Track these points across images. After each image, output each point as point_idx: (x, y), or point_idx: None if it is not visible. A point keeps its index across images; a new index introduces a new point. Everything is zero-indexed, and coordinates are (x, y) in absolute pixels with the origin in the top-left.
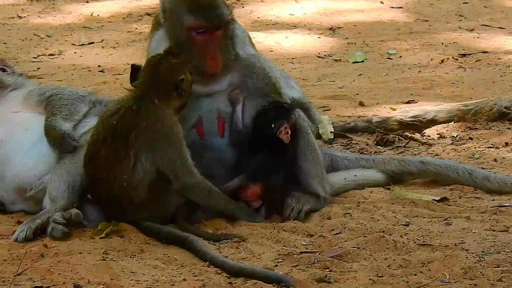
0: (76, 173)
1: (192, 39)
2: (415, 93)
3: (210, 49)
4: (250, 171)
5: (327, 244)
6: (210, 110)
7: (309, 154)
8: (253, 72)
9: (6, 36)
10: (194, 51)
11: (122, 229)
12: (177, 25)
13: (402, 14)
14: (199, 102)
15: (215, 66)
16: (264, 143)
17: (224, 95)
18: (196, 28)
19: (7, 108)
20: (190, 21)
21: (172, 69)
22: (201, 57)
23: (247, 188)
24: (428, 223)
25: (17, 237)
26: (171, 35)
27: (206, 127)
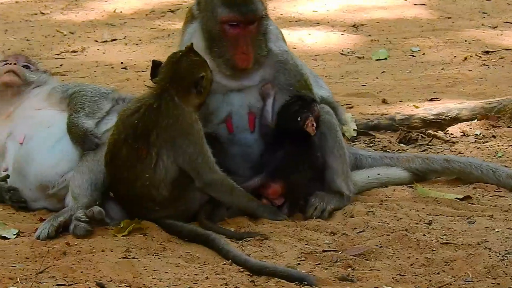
0: (99, 171)
1: (224, 32)
2: (438, 91)
3: (242, 43)
4: (271, 169)
5: (349, 242)
6: (240, 105)
7: (336, 151)
8: (286, 68)
9: (29, 33)
10: (226, 44)
11: (144, 227)
12: (211, 17)
13: (425, 11)
14: (230, 96)
15: (246, 60)
16: (287, 138)
17: (255, 90)
18: (230, 22)
19: (31, 105)
20: (223, 14)
21: (193, 66)
22: (232, 51)
23: (269, 186)
24: (451, 222)
25: (39, 234)
26: (204, 27)
27: (235, 122)
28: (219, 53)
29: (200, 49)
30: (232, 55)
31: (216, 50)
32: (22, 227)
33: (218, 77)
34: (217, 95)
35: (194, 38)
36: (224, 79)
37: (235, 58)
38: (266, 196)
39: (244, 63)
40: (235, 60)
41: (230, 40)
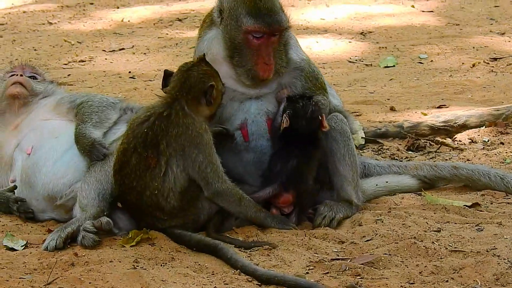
0: (106, 181)
1: (248, 42)
2: (446, 98)
3: (264, 54)
4: (284, 180)
5: (358, 251)
6: (258, 113)
7: (348, 158)
8: (302, 74)
9: (36, 43)
10: (248, 54)
11: (152, 237)
12: (235, 26)
13: (433, 18)
14: (246, 104)
15: (268, 71)
16: (297, 143)
17: (272, 96)
18: (254, 32)
19: (38, 115)
20: (249, 24)
21: (203, 76)
22: (254, 61)
23: (280, 196)
24: (460, 229)
25: (47, 245)
26: (227, 36)
27: (251, 129)
28: (240, 62)
29: (220, 57)
30: (254, 65)
31: (238, 59)
32: (30, 238)
33: (236, 85)
34: (233, 102)
35: (213, 45)
36: (241, 87)
37: (257, 68)
38: (276, 205)
39: (265, 74)
40: (256, 70)
41: (252, 50)
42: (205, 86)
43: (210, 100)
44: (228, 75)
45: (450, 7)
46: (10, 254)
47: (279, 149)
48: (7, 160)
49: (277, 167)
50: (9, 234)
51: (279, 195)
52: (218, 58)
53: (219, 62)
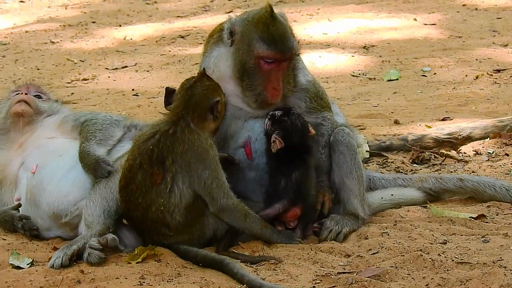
0: (111, 198)
1: (259, 66)
2: (450, 110)
3: (274, 79)
4: (291, 195)
5: (364, 264)
6: (262, 131)
7: (354, 172)
8: (307, 95)
9: (39, 62)
10: (259, 78)
11: (158, 253)
12: (246, 50)
13: (436, 30)
14: (249, 123)
15: (276, 96)
16: (292, 157)
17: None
18: (266, 58)
19: (42, 134)
20: (261, 50)
21: (208, 92)
22: (264, 86)
23: (288, 211)
24: (466, 241)
25: (53, 263)
26: (237, 58)
27: (255, 147)
28: (249, 85)
29: (227, 75)
30: (263, 89)
31: (247, 83)
32: (36, 256)
33: (241, 103)
34: (237, 120)
35: (220, 63)
36: (246, 106)
37: (266, 93)
38: (283, 219)
39: (273, 99)
40: (266, 94)
41: (263, 75)
42: (211, 102)
43: (216, 115)
44: (233, 93)
45: (452, 19)
46: (16, 272)
47: (278, 166)
48: (12, 178)
49: (282, 183)
50: (15, 252)
51: (287, 210)
52: (225, 76)
53: (226, 80)
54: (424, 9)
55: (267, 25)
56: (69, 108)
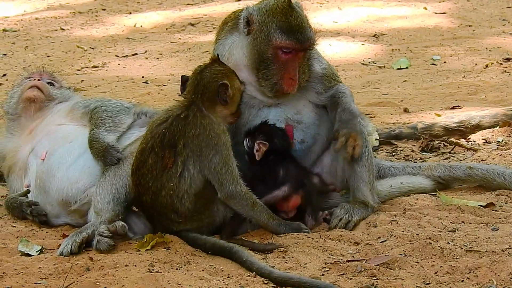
0: (121, 185)
1: (276, 56)
2: (460, 99)
3: (291, 69)
4: (292, 181)
5: (373, 252)
6: (277, 119)
7: (365, 159)
8: (323, 81)
9: (49, 49)
10: (275, 68)
11: (167, 241)
12: (264, 39)
13: (446, 19)
14: (264, 111)
15: (292, 85)
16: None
17: (292, 103)
18: (284, 48)
19: (52, 120)
20: (279, 40)
21: (215, 76)
22: (280, 75)
23: (290, 198)
24: (475, 229)
25: (62, 250)
26: (255, 48)
27: None
28: (266, 75)
29: (242, 64)
30: (280, 79)
31: (264, 72)
32: (45, 244)
33: (255, 92)
34: (251, 109)
35: (235, 51)
36: (260, 95)
37: (283, 82)
38: (284, 209)
39: (290, 88)
40: (282, 84)
41: (280, 65)
42: (217, 86)
43: (224, 99)
44: (248, 82)
45: (462, 8)
46: (25, 259)
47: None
48: (21, 165)
49: (281, 172)
50: (24, 240)
51: (289, 198)
52: (239, 65)
53: (240, 68)
54: None
55: (286, 15)
56: (81, 96)
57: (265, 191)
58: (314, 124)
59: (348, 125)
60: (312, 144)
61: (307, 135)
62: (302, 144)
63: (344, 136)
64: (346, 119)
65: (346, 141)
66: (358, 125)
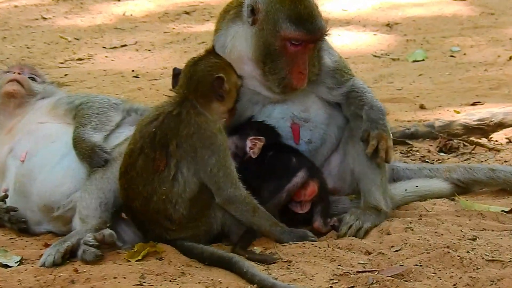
0: (109, 190)
1: (284, 49)
2: (481, 94)
3: (300, 62)
4: (308, 165)
5: (386, 262)
6: (282, 117)
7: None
8: (335, 75)
9: (29, 40)
10: (284, 62)
11: (160, 250)
12: (272, 31)
13: (466, 7)
14: (268, 108)
15: (301, 80)
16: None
17: (299, 99)
18: (294, 39)
19: (34, 118)
20: (288, 31)
21: (210, 69)
22: (289, 70)
23: (307, 185)
24: (498, 237)
25: (44, 261)
26: (261, 39)
27: None
28: (273, 69)
29: (246, 57)
30: (288, 73)
31: (271, 66)
32: (25, 254)
33: (259, 87)
34: (254, 105)
35: (239, 42)
36: (265, 90)
37: (291, 77)
38: (301, 198)
39: (299, 84)
40: (291, 79)
41: (288, 58)
42: (213, 79)
43: (221, 95)
44: (251, 76)
45: None
46: (3, 271)
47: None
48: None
49: (293, 160)
50: (2, 250)
51: (306, 185)
52: (243, 57)
53: (244, 61)
54: None
55: (295, 3)
56: (66, 92)
57: (280, 183)
58: (323, 123)
59: (378, 125)
60: (320, 144)
61: (314, 135)
62: (309, 144)
63: (376, 138)
64: (376, 117)
65: (377, 144)
66: (387, 125)
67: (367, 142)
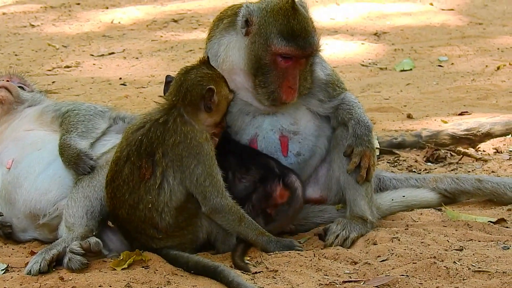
0: (95, 198)
1: (275, 63)
2: (469, 104)
3: (290, 77)
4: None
5: (372, 272)
6: (271, 129)
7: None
8: (327, 89)
9: (17, 47)
10: (273, 75)
11: (146, 259)
12: (263, 44)
13: (454, 17)
14: (258, 119)
15: (291, 95)
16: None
17: (289, 112)
18: (284, 54)
19: (20, 125)
20: (279, 46)
21: (201, 79)
22: (279, 84)
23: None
24: (484, 248)
25: (30, 269)
26: (252, 52)
27: (261, 146)
28: (263, 82)
29: (239, 67)
30: (278, 87)
31: (261, 79)
32: (11, 262)
33: (250, 98)
34: (244, 116)
35: (232, 52)
36: (255, 102)
37: (281, 91)
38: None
39: (289, 98)
40: (280, 93)
41: (279, 72)
42: (203, 90)
43: (209, 106)
44: (243, 87)
45: (472, 4)
46: None
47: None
48: None
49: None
50: None
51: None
52: (235, 68)
53: (236, 72)
54: None
55: (288, 18)
56: (54, 100)
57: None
58: (312, 135)
59: (363, 141)
60: (309, 157)
61: (303, 147)
62: (298, 157)
63: (358, 155)
64: (361, 133)
65: (360, 161)
66: (372, 141)
67: (350, 158)
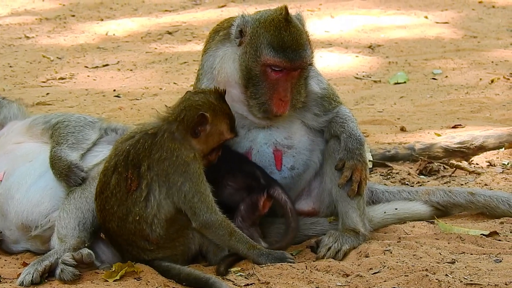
0: (87, 209)
1: (265, 75)
2: (462, 117)
3: (281, 89)
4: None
5: (364, 284)
6: (265, 143)
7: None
8: (322, 103)
9: (12, 59)
10: (265, 87)
11: (138, 271)
12: (253, 56)
13: (448, 30)
14: (253, 133)
15: (282, 107)
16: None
17: (283, 126)
18: (273, 66)
19: (10, 138)
20: (268, 57)
21: (202, 104)
22: (269, 96)
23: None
24: (476, 260)
25: (22, 280)
26: (243, 63)
27: (255, 159)
28: (254, 93)
29: (233, 80)
30: (269, 99)
31: (252, 90)
32: (3, 273)
33: (246, 111)
34: (239, 129)
35: (227, 64)
36: (251, 115)
37: (272, 103)
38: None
39: (280, 110)
40: (271, 105)
41: (269, 84)
42: (196, 114)
43: (196, 132)
44: (238, 99)
45: (467, 18)
46: None
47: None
48: None
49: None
50: None
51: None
52: (230, 81)
53: (231, 84)
54: (436, 6)
55: (279, 29)
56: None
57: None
58: (306, 149)
59: (354, 155)
60: (303, 171)
61: (298, 162)
62: (292, 171)
63: (350, 169)
64: (353, 147)
65: (351, 175)
66: (364, 155)
67: (341, 171)
